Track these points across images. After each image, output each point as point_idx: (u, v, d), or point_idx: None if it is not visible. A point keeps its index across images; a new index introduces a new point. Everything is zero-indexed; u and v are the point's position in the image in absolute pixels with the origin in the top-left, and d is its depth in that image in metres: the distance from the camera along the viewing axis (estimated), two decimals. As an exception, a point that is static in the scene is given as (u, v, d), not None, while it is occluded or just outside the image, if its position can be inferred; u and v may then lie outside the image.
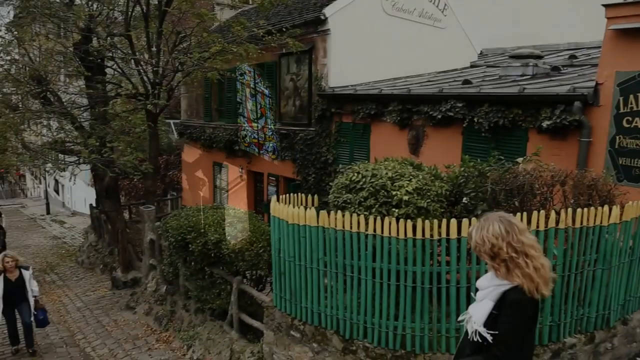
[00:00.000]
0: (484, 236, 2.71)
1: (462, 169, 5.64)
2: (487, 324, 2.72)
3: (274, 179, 12.83)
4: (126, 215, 16.36)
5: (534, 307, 2.69)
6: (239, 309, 7.39)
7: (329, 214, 5.14)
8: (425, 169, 5.74)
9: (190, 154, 16.83)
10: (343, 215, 4.98)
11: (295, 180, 12.00)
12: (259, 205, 13.68)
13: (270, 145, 12.60)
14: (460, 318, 3.09)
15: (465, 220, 4.70)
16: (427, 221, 4.79)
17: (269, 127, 12.62)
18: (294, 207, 5.50)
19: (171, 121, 22.05)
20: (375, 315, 5.10)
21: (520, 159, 5.66)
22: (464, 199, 5.40)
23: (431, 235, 4.78)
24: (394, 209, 5.11)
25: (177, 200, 18.54)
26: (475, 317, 2.79)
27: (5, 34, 12.17)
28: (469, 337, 2.85)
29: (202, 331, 8.09)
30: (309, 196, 6.70)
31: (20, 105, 12.92)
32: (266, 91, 12.09)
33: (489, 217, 2.77)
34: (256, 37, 10.82)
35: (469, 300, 4.93)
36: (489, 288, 2.77)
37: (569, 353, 5.01)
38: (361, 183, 5.33)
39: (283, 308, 6.00)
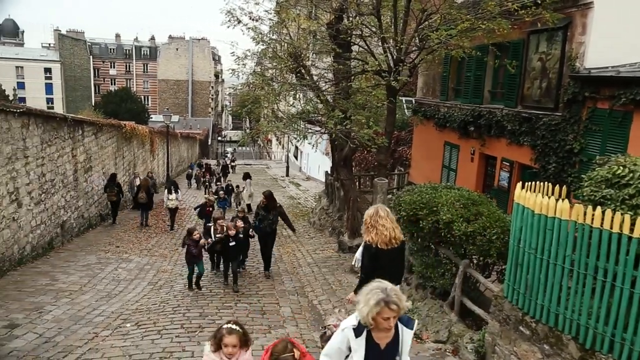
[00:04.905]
0: (365, 214, 6.01)
1: None
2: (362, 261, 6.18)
3: (507, 164, 12.15)
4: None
5: (376, 251, 5.73)
6: (462, 293, 7.27)
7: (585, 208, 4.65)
8: None
9: (422, 132, 16.96)
10: (603, 212, 4.45)
11: (532, 168, 11.19)
12: (487, 190, 13.15)
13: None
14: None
15: None
16: None
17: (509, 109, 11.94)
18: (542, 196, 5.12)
19: (403, 98, 22.50)
20: (628, 331, 4.48)
21: None
22: None
23: None
24: (667, 213, 4.38)
25: (404, 175, 18.92)
26: (356, 255, 6.80)
27: (274, 16, 13.72)
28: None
29: (421, 307, 8.16)
30: (556, 187, 6.14)
31: (276, 79, 14.51)
32: (511, 71, 11.39)
33: (373, 206, 6.10)
34: (508, 11, 10.23)
35: None
36: (362, 243, 6.20)
37: None
38: (627, 178, 4.67)
39: (514, 301, 5.69)
